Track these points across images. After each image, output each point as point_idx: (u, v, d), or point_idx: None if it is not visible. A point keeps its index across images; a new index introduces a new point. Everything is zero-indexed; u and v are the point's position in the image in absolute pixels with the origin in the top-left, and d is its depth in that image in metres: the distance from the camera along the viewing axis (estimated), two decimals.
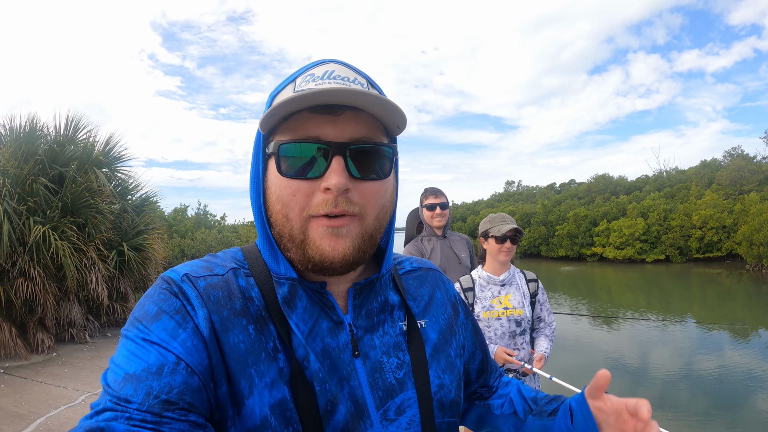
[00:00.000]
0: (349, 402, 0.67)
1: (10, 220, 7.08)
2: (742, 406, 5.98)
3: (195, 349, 0.61)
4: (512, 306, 2.71)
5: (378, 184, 0.69)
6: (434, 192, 3.36)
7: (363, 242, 0.68)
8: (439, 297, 0.87)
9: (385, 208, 0.71)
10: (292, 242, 0.68)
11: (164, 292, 0.66)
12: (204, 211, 34.53)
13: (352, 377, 0.69)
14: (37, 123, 8.58)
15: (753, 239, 22.06)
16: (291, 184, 0.66)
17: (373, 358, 0.72)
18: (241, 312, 0.67)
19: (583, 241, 31.94)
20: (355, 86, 0.68)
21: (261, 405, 0.62)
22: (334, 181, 0.63)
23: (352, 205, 0.65)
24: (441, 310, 0.85)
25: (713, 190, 28.79)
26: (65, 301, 7.78)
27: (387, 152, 0.69)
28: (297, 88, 0.68)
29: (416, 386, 0.73)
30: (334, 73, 0.69)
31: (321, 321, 0.70)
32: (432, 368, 0.76)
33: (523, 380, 2.67)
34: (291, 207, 0.66)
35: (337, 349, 0.69)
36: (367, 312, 0.74)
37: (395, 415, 0.70)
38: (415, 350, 0.75)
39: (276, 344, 0.67)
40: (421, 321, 0.80)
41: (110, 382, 0.59)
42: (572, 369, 7.73)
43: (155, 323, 0.62)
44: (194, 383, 0.59)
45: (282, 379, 0.65)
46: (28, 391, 5.58)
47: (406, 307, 0.79)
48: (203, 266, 0.71)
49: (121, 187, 9.99)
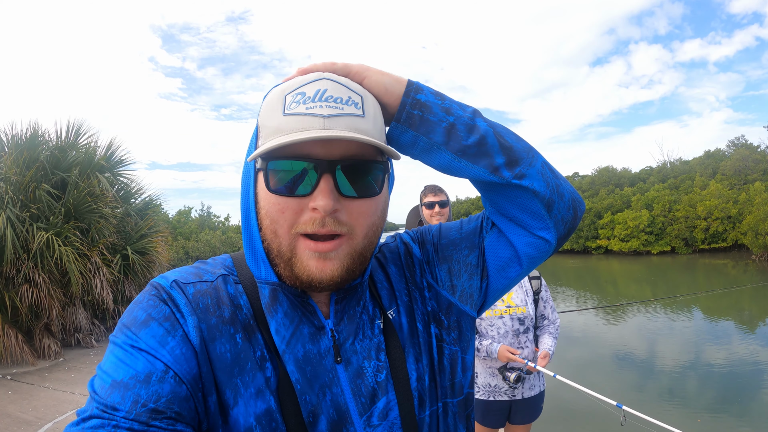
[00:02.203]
0: (332, 409, 0.66)
1: (14, 227, 7.11)
2: (751, 398, 5.95)
3: (184, 357, 0.61)
4: (515, 304, 2.69)
5: (368, 203, 0.67)
6: (434, 190, 3.33)
7: (352, 262, 0.66)
8: (394, 271, 0.82)
9: (375, 225, 0.69)
10: (281, 258, 0.66)
11: (153, 298, 0.65)
12: (208, 212, 34.70)
13: (334, 384, 0.67)
14: (38, 129, 8.62)
15: (758, 229, 21.97)
16: (279, 201, 0.64)
17: (355, 363, 0.70)
18: (229, 320, 0.66)
19: (588, 234, 31.87)
20: (349, 109, 0.64)
21: (246, 415, 0.62)
22: (321, 202, 0.61)
23: (341, 225, 0.64)
24: (401, 285, 0.80)
25: (718, 180, 28.65)
26: (71, 306, 7.82)
27: (379, 168, 0.67)
28: (287, 110, 0.64)
29: (395, 388, 0.71)
30: (326, 93, 0.64)
31: (302, 326, 0.69)
32: (409, 359, 0.74)
33: (527, 378, 2.66)
34: (279, 223, 0.65)
35: (318, 356, 0.68)
36: (349, 317, 0.73)
37: (379, 420, 0.69)
38: (392, 349, 0.74)
39: (264, 353, 0.66)
40: (389, 312, 0.77)
41: (97, 389, 0.58)
42: (579, 363, 7.71)
43: (144, 330, 0.61)
44: (182, 392, 0.59)
45: (269, 388, 0.64)
46: (36, 396, 5.61)
47: (379, 302, 0.77)
48: (193, 273, 0.70)
49: (124, 191, 10.03)
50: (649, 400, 5.87)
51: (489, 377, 2.68)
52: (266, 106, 0.68)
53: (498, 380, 2.65)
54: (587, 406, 5.17)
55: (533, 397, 2.70)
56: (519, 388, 2.65)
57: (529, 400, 2.69)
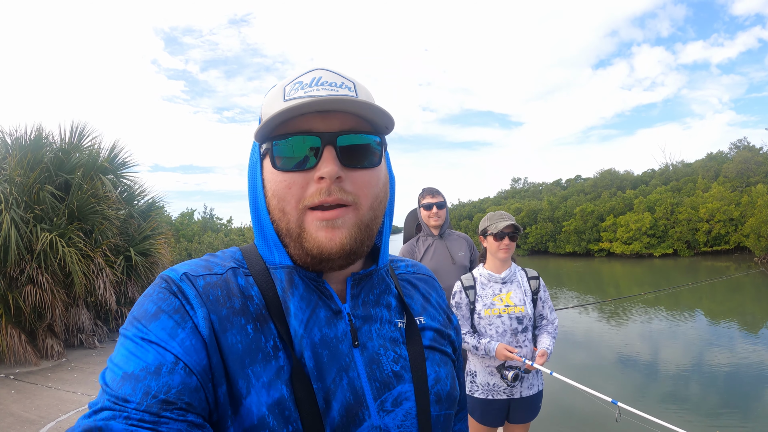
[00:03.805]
0: (348, 393, 0.67)
1: (18, 228, 7.16)
2: (755, 400, 5.93)
3: (194, 348, 0.61)
4: (513, 303, 2.71)
5: (369, 173, 0.70)
6: (431, 191, 3.38)
7: (359, 232, 0.69)
8: (434, 300, 0.88)
9: (379, 197, 0.72)
10: (290, 237, 0.69)
11: (163, 291, 0.66)
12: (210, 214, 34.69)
13: (350, 368, 0.69)
14: (42, 131, 8.68)
15: (761, 231, 21.92)
16: (286, 177, 0.67)
17: (371, 349, 0.72)
18: (240, 311, 0.67)
19: (590, 236, 31.81)
20: (343, 91, 0.70)
21: (258, 405, 0.62)
22: (327, 168, 0.65)
23: (346, 193, 0.67)
24: (436, 312, 0.86)
25: (720, 182, 28.57)
26: (74, 307, 7.86)
27: (375, 140, 0.71)
28: (287, 97, 0.69)
29: (413, 380, 0.73)
30: (321, 80, 0.70)
31: (318, 310, 0.70)
32: (429, 362, 0.77)
33: (526, 377, 2.68)
34: (287, 200, 0.67)
35: (335, 339, 0.69)
36: (365, 303, 0.75)
37: (392, 406, 0.70)
38: (413, 346, 0.76)
39: (276, 342, 0.67)
40: (419, 318, 0.81)
41: (108, 381, 0.59)
42: (582, 366, 7.70)
43: (154, 322, 0.62)
44: (192, 383, 0.59)
45: (281, 378, 0.65)
46: (38, 396, 5.64)
47: (404, 304, 0.79)
48: (202, 265, 0.72)
49: (127, 193, 10.07)
50: (652, 403, 5.86)
51: (488, 376, 2.70)
52: (268, 99, 0.73)
53: (497, 379, 2.68)
54: (585, 405, 5.19)
55: (532, 396, 2.72)
56: (517, 387, 2.67)
57: (527, 399, 2.71)
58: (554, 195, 40.26)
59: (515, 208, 38.89)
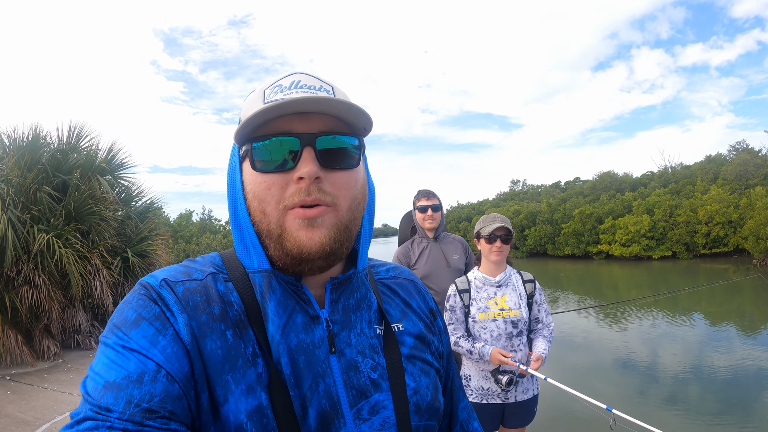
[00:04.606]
0: (324, 400, 0.67)
1: (15, 228, 7.15)
2: (753, 402, 5.92)
3: (175, 356, 0.61)
4: (508, 307, 2.70)
5: (348, 174, 0.70)
6: (426, 194, 3.37)
7: (339, 233, 0.69)
8: (416, 305, 0.87)
9: (357, 199, 0.72)
10: (270, 238, 0.68)
11: (143, 297, 0.65)
12: (209, 216, 34.71)
13: (326, 374, 0.68)
14: (40, 132, 8.66)
15: (759, 233, 21.91)
16: (265, 178, 0.67)
17: (349, 355, 0.71)
18: (219, 317, 0.67)
19: (589, 239, 31.79)
20: (321, 94, 0.70)
21: (236, 412, 0.62)
22: (306, 169, 0.65)
23: (325, 194, 0.67)
24: (417, 318, 0.84)
25: (719, 185, 28.56)
26: (70, 308, 7.84)
27: (354, 142, 0.71)
28: (266, 100, 0.69)
29: (391, 389, 0.72)
30: (300, 83, 0.71)
31: (295, 315, 0.69)
32: (407, 372, 0.76)
33: (521, 382, 2.67)
34: (267, 201, 0.67)
35: (312, 345, 0.69)
36: (344, 308, 0.74)
37: (369, 414, 0.69)
38: (391, 354, 0.75)
39: (255, 349, 0.66)
40: (397, 324, 0.80)
41: (90, 391, 0.58)
42: (580, 369, 7.69)
43: (134, 330, 0.62)
44: (175, 391, 0.59)
45: (260, 384, 0.64)
46: (34, 397, 5.62)
47: (381, 311, 0.79)
48: (182, 271, 0.71)
49: (125, 194, 10.06)
50: (650, 406, 5.85)
51: (482, 380, 2.69)
52: (248, 101, 0.73)
53: (491, 383, 2.67)
54: (581, 411, 5.17)
55: (527, 400, 2.71)
56: (512, 391, 2.66)
57: (522, 403, 2.70)
58: (553, 197, 40.27)
59: (514, 210, 38.88)
